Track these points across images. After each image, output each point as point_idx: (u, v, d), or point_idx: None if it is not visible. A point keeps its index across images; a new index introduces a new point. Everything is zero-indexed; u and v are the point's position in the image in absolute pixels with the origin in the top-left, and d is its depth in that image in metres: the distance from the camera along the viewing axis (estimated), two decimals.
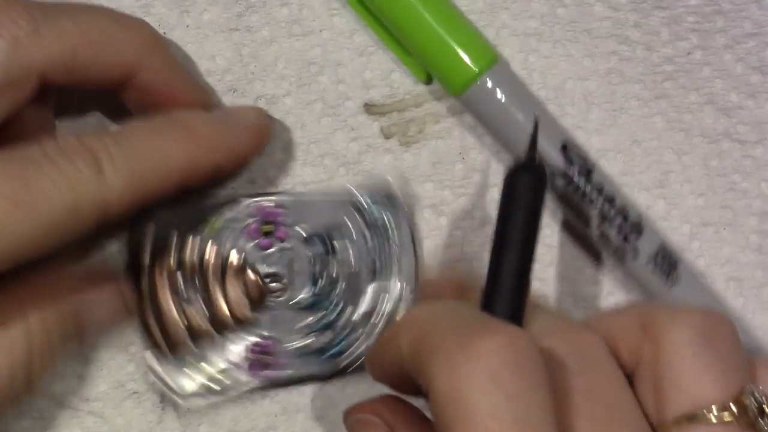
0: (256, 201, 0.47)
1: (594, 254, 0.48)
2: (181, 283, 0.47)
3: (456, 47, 0.46)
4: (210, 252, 0.47)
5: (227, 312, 0.47)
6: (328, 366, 0.47)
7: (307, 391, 0.47)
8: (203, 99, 0.47)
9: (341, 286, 0.47)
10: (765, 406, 0.39)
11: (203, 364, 0.46)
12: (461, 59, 0.46)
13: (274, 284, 0.47)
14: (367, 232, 0.47)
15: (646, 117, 0.48)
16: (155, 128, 0.44)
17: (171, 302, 0.47)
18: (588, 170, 0.46)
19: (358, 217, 0.47)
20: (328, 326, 0.47)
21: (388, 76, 0.48)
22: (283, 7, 0.48)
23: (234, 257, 0.47)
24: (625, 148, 0.48)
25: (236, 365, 0.47)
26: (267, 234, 0.47)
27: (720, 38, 0.48)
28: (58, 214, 0.40)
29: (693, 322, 0.39)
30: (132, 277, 0.46)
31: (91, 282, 0.45)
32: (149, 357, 0.46)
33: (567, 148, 0.46)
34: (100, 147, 0.42)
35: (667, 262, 0.46)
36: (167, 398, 0.46)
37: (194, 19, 0.48)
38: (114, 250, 0.48)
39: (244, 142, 0.46)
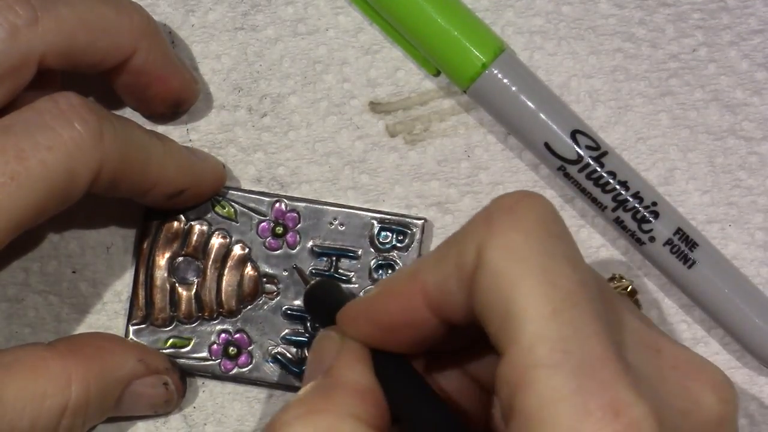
0: (275, 201, 0.47)
1: (611, 237, 0.48)
2: (181, 264, 0.47)
3: (462, 39, 0.46)
4: (215, 240, 0.47)
5: (215, 299, 0.47)
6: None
7: None
8: (193, 84, 0.47)
9: None
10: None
11: (177, 340, 0.47)
12: (468, 50, 0.46)
13: (269, 285, 0.47)
14: (374, 259, 0.47)
15: (651, 114, 0.48)
16: (144, 129, 0.45)
17: (165, 278, 0.47)
18: (600, 155, 0.46)
19: (369, 243, 0.47)
20: (311, 341, 0.47)
21: (394, 74, 0.48)
22: (288, 6, 0.49)
23: (238, 249, 0.47)
24: (631, 146, 0.48)
25: (208, 352, 0.47)
26: (277, 236, 0.47)
27: (725, 35, 0.48)
28: (55, 181, 0.41)
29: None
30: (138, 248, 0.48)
31: (146, 365, 0.45)
32: (130, 330, 0.47)
33: (578, 134, 0.46)
34: (103, 112, 0.42)
35: (686, 244, 0.46)
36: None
37: (199, 18, 0.49)
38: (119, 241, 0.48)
39: (207, 177, 0.47)
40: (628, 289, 0.43)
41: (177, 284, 0.47)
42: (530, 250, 0.35)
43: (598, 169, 0.46)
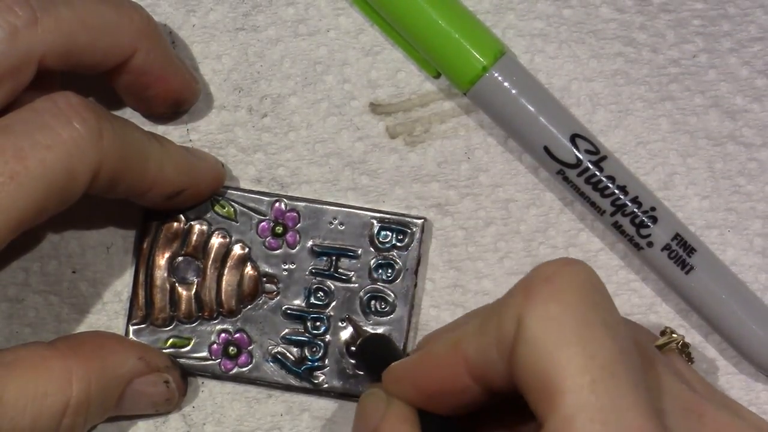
0: (275, 200, 0.47)
1: (609, 242, 0.48)
2: (181, 263, 0.47)
3: (463, 41, 0.46)
4: (215, 240, 0.47)
5: (215, 299, 0.47)
6: (304, 379, 0.47)
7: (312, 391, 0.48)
8: (193, 84, 0.47)
9: (334, 305, 0.47)
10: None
11: (177, 340, 0.47)
12: (469, 53, 0.46)
13: (269, 285, 0.47)
14: (374, 259, 0.47)
15: (651, 119, 0.48)
16: (142, 130, 0.45)
17: (165, 278, 0.47)
18: (599, 160, 0.46)
19: (368, 243, 0.47)
20: (311, 341, 0.47)
21: (394, 75, 0.48)
22: (289, 7, 0.48)
23: (238, 249, 0.47)
24: (630, 150, 0.48)
25: (208, 352, 0.47)
26: (277, 235, 0.47)
27: (725, 42, 0.48)
28: (54, 180, 0.41)
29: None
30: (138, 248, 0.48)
31: (146, 363, 0.45)
32: (130, 330, 0.47)
33: (578, 138, 0.46)
34: (102, 112, 0.42)
35: (684, 249, 0.46)
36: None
37: (200, 19, 0.48)
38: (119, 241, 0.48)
39: (206, 176, 0.47)
40: (680, 344, 0.43)
41: (177, 284, 0.47)
42: (568, 320, 0.36)
43: (597, 174, 0.46)
